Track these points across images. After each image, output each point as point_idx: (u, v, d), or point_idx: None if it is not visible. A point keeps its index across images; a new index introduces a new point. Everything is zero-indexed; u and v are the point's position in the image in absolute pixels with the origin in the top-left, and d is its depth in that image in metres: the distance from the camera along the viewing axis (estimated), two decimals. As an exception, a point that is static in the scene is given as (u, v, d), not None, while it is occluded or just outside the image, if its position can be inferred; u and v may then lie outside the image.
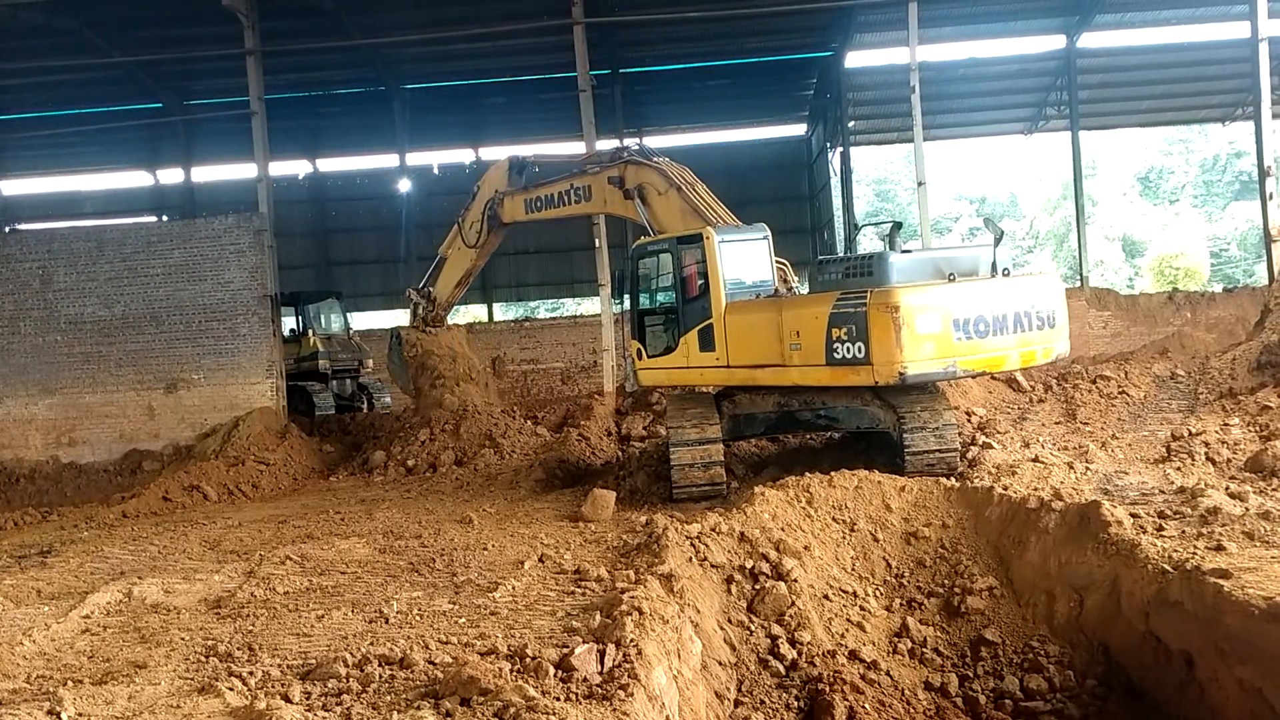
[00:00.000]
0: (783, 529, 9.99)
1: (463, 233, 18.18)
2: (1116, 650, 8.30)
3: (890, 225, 12.54)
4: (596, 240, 20.83)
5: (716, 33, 28.53)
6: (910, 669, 8.79)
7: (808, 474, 11.46)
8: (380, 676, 6.06)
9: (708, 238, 12.55)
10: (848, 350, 11.08)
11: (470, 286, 36.11)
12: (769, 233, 13.35)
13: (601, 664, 6.06)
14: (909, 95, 20.97)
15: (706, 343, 12.53)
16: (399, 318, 35.45)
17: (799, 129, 36.02)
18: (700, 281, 12.63)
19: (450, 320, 27.18)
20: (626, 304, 13.97)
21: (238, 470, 17.11)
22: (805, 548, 9.76)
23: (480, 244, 17.96)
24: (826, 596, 9.29)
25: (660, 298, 13.53)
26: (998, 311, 11.35)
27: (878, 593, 9.77)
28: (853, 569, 10.01)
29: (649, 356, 13.39)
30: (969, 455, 12.62)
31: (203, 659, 6.90)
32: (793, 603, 8.71)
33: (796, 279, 13.98)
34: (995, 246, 12.05)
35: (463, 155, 35.17)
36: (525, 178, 17.27)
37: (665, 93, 33.16)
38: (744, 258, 12.88)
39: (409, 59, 29.32)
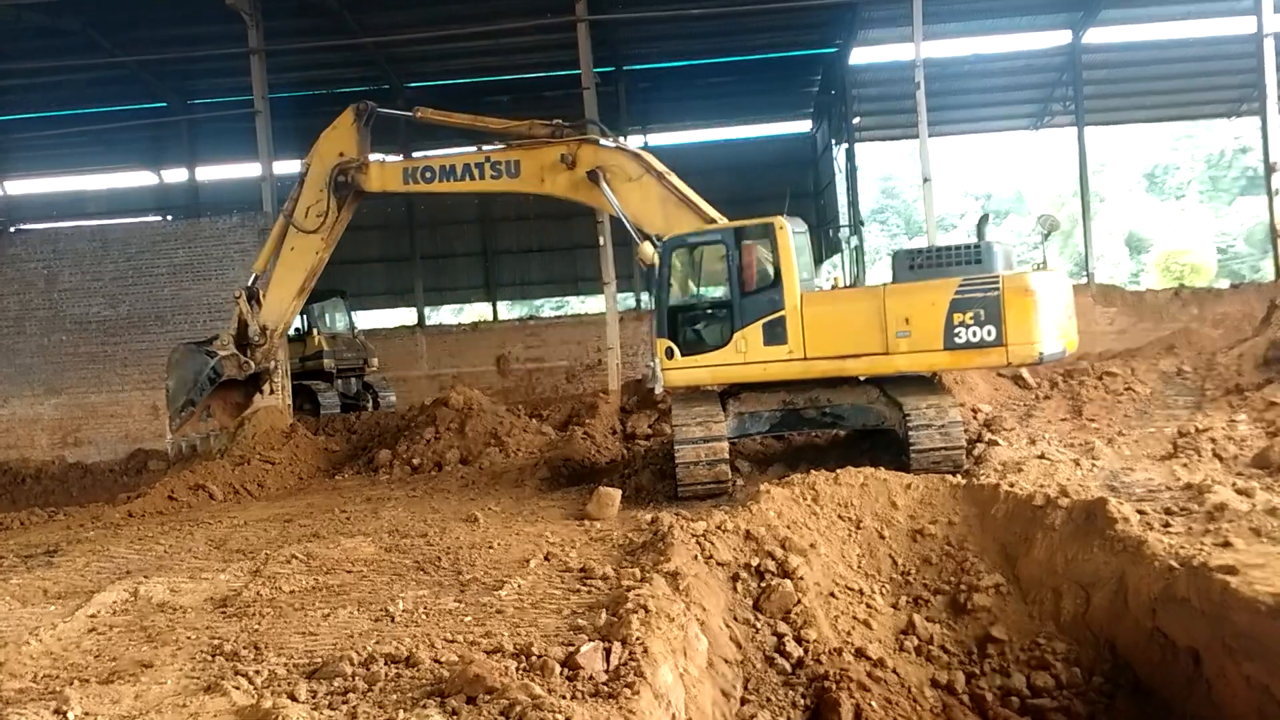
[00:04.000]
0: (788, 527, 9.98)
1: (296, 222, 14.97)
2: (1123, 647, 8.29)
3: (981, 217, 13.08)
4: (601, 238, 20.80)
5: (720, 29, 28.47)
6: (917, 666, 8.79)
7: (813, 472, 11.45)
8: (386, 675, 6.05)
9: (780, 227, 12.39)
10: (974, 334, 11.48)
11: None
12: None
13: (607, 662, 6.05)
14: (914, 91, 20.92)
15: (775, 336, 12.22)
16: (404, 316, 35.60)
17: (804, 126, 35.98)
18: (766, 272, 12.40)
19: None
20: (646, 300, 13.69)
21: (243, 469, 17.11)
22: (811, 545, 9.75)
23: (328, 226, 14.97)
24: (833, 594, 9.28)
25: (704, 292, 13.07)
26: (1068, 299, 12.33)
27: (884, 590, 9.76)
28: (859, 566, 10.01)
29: (683, 355, 12.68)
30: (975, 452, 12.61)
31: (209, 658, 6.90)
32: (799, 600, 8.70)
33: None
34: (1045, 240, 12.86)
35: (467, 153, 35.16)
36: (405, 158, 14.96)
37: (669, 90, 33.11)
38: (798, 250, 12.85)
39: (412, 57, 29.33)
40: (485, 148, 14.57)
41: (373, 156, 14.89)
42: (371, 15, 25.53)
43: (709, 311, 12.84)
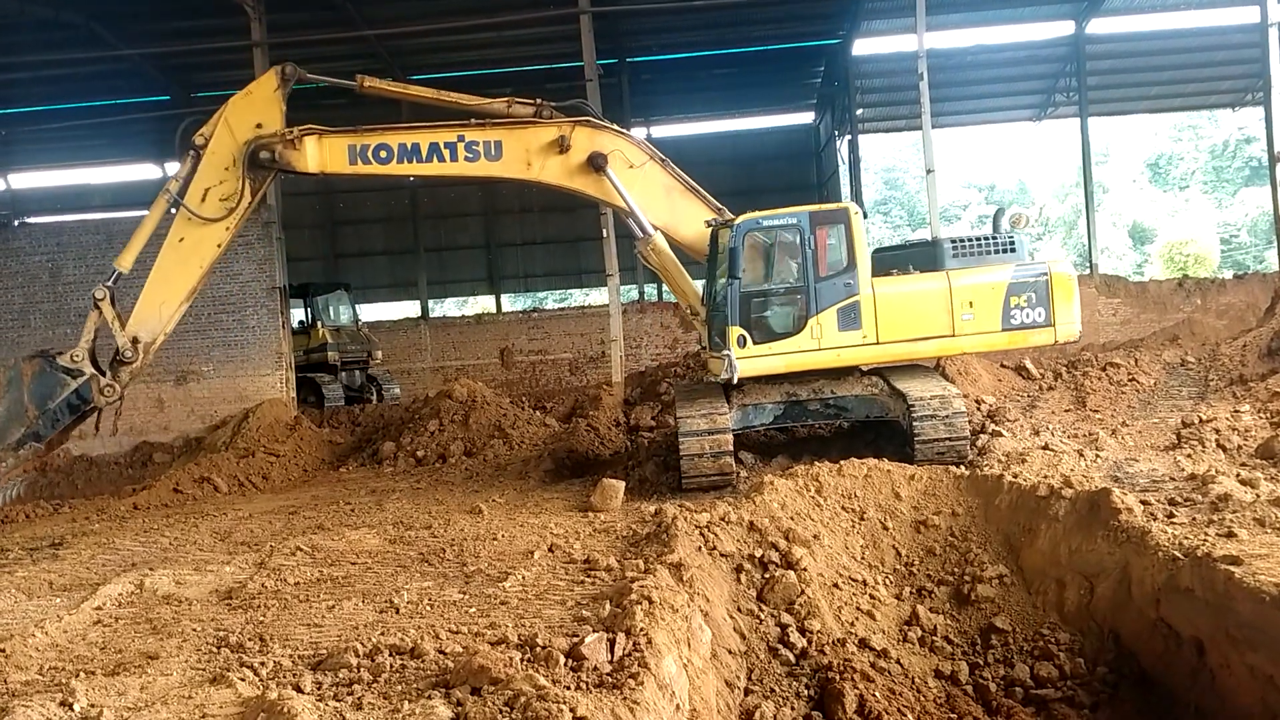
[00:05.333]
0: (792, 518, 9.99)
1: (191, 208, 12.42)
2: (1127, 637, 8.30)
3: (997, 210, 13.67)
4: (605, 231, 20.72)
5: (723, 21, 28.44)
6: (920, 657, 8.80)
7: (817, 463, 11.46)
8: (391, 666, 6.07)
9: (855, 212, 12.48)
10: (1028, 316, 12.37)
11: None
12: None
13: (611, 653, 6.06)
14: (917, 82, 20.84)
15: (849, 321, 12.23)
16: (408, 309, 35.61)
17: (807, 117, 35.94)
18: (840, 258, 12.36)
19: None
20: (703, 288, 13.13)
21: (248, 462, 17.15)
22: (815, 536, 9.76)
23: (237, 214, 12.50)
24: (836, 585, 9.29)
25: (778, 277, 12.67)
26: None
27: (887, 581, 9.77)
28: (862, 557, 10.02)
29: (755, 343, 12.23)
30: (979, 443, 12.62)
31: (214, 650, 6.92)
32: (802, 591, 8.72)
33: None
34: (1010, 232, 13.16)
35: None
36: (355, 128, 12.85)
37: (672, 82, 33.07)
38: None
39: (415, 50, 29.29)
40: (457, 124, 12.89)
41: (301, 128, 12.70)
42: (374, 8, 25.50)
43: (782, 297, 12.53)
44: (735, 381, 12.19)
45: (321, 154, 12.68)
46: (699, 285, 13.72)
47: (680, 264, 13.33)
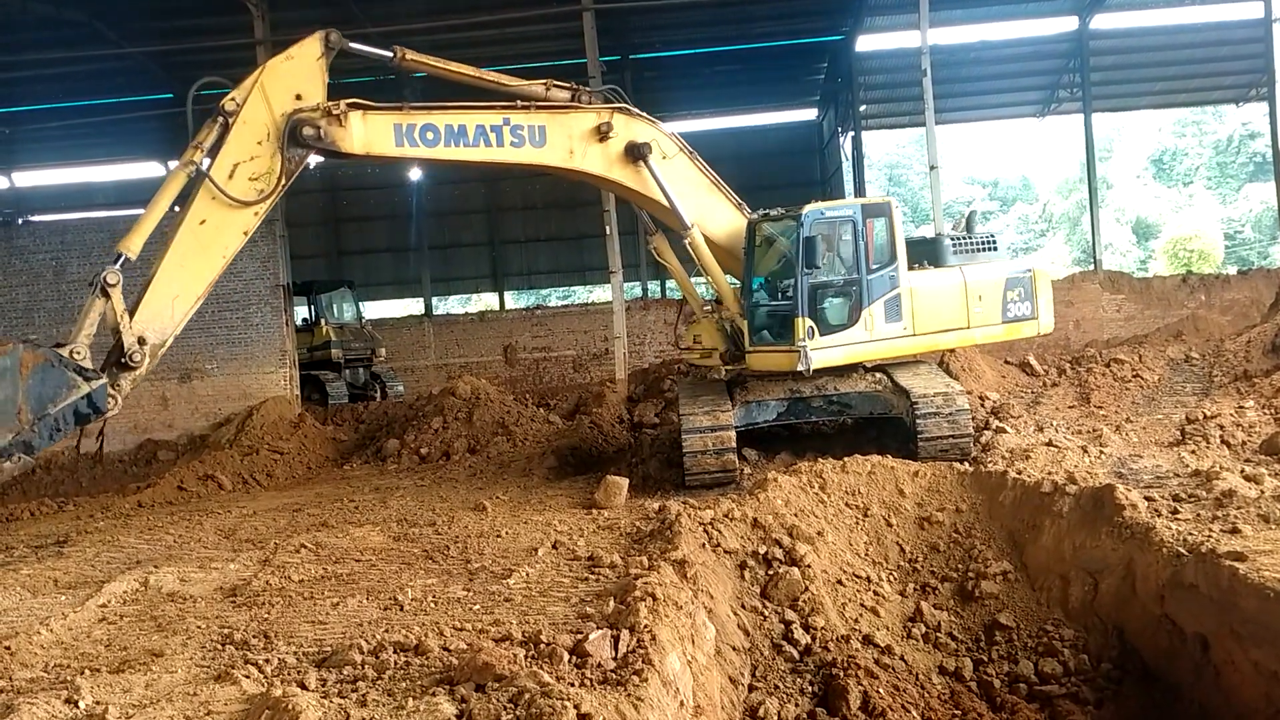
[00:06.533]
0: (796, 515, 9.99)
1: (220, 186, 10.24)
2: (1131, 634, 8.29)
3: (970, 213, 14.42)
4: (607, 228, 20.72)
5: (727, 17, 28.42)
6: (924, 653, 8.80)
7: (820, 460, 11.47)
8: (395, 663, 6.07)
9: (896, 206, 12.89)
10: (1019, 309, 13.10)
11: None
12: None
13: (615, 649, 6.06)
14: (920, 79, 20.84)
15: (894, 314, 12.52)
16: (411, 306, 35.58)
17: (810, 113, 35.93)
18: (885, 251, 12.54)
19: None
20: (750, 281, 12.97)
21: (252, 459, 17.17)
22: (818, 533, 9.76)
23: (269, 197, 10.49)
24: (840, 582, 9.29)
25: (834, 269, 12.68)
26: None
27: (891, 578, 9.77)
28: (866, 554, 10.02)
29: (821, 334, 12.20)
30: (982, 440, 12.64)
31: (219, 647, 6.93)
32: (806, 588, 8.72)
33: None
34: (967, 229, 13.97)
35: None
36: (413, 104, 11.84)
37: (675, 78, 33.03)
38: None
39: (417, 47, 28.96)
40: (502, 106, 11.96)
41: (347, 102, 11.18)
42: (377, 5, 25.48)
43: (840, 289, 12.59)
44: (810, 373, 12.15)
45: (368, 133, 11.27)
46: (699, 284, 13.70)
47: (714, 259, 13.03)
